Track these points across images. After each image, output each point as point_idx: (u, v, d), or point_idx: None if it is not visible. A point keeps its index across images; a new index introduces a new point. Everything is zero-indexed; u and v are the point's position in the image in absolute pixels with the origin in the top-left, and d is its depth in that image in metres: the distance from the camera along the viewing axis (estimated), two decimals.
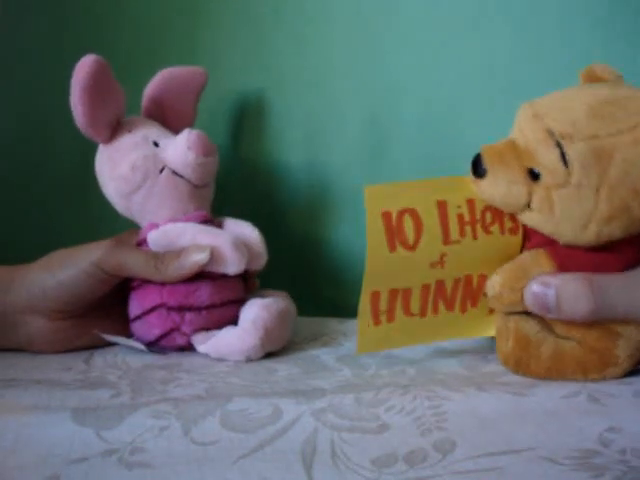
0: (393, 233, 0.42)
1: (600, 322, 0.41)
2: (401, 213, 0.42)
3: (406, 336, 0.44)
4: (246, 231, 0.53)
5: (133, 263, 0.49)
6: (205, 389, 0.42)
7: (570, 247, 0.41)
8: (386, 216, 0.42)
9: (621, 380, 0.41)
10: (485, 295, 0.44)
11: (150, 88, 0.57)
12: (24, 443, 0.34)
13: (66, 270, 0.48)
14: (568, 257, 0.41)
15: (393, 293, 0.43)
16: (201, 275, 0.50)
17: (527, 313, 0.43)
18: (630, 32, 0.57)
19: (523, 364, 0.42)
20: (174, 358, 0.50)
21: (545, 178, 0.39)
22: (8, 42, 0.69)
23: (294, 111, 0.65)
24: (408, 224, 0.42)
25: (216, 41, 0.66)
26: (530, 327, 0.42)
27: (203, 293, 0.50)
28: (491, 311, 0.46)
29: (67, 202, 0.70)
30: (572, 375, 0.42)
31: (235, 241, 0.50)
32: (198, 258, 0.48)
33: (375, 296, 0.43)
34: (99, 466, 0.32)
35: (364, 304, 0.42)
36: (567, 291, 0.40)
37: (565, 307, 0.40)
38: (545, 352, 0.42)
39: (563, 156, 0.38)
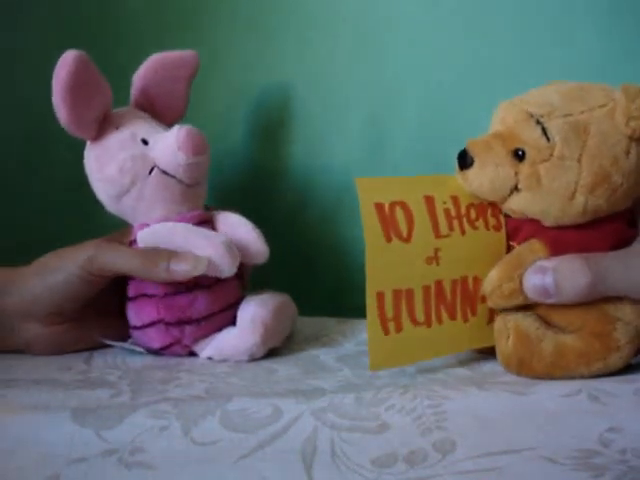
0: (387, 224, 0.43)
1: (597, 304, 0.42)
2: (392, 205, 0.43)
3: (416, 351, 0.44)
4: (242, 230, 0.52)
5: (120, 261, 0.47)
6: (205, 389, 0.42)
7: (559, 229, 0.43)
8: (379, 207, 0.43)
9: (622, 378, 0.41)
10: (483, 300, 0.45)
11: (138, 76, 0.55)
12: (24, 443, 0.34)
13: (55, 274, 0.48)
14: (559, 239, 0.43)
15: (397, 295, 0.43)
16: (196, 286, 0.49)
17: (525, 310, 0.44)
18: (630, 32, 0.57)
19: (526, 364, 0.42)
20: (174, 358, 0.50)
21: (530, 155, 0.42)
22: (7, 41, 0.69)
23: (294, 111, 0.65)
24: (400, 216, 0.43)
25: (217, 41, 0.66)
26: (529, 324, 0.43)
27: (200, 305, 0.49)
28: (491, 319, 0.46)
29: (67, 202, 0.70)
30: (575, 369, 0.42)
31: (228, 243, 0.48)
32: (191, 269, 0.47)
33: (380, 298, 0.42)
34: (99, 466, 0.32)
35: (371, 308, 0.42)
36: (564, 270, 0.41)
37: (564, 287, 0.41)
38: (546, 348, 0.42)
39: (544, 132, 0.41)
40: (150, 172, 0.50)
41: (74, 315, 0.50)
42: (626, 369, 0.43)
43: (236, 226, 0.52)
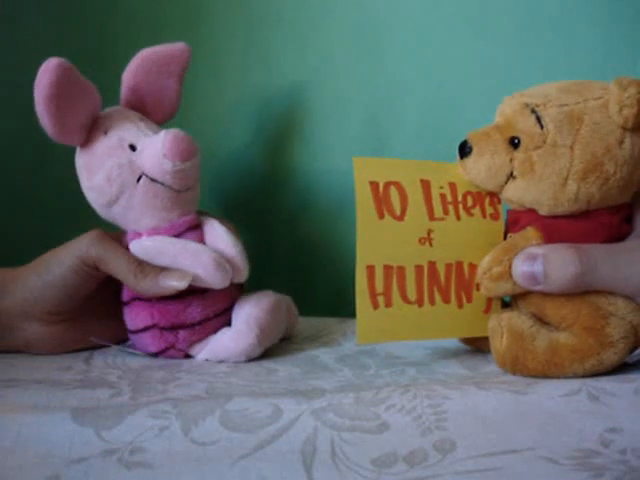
0: (380, 201, 0.44)
1: (590, 299, 0.42)
2: (387, 185, 0.44)
3: (406, 328, 0.44)
4: (221, 245, 0.50)
5: (115, 262, 0.47)
6: (205, 389, 0.42)
7: (554, 218, 0.43)
8: (373, 185, 0.44)
9: (622, 377, 0.41)
10: (479, 287, 0.45)
11: (128, 74, 0.53)
12: (24, 443, 0.34)
13: (52, 270, 0.48)
14: (554, 228, 0.43)
15: (387, 271, 0.43)
16: (190, 291, 0.48)
17: (520, 306, 0.44)
18: (630, 32, 0.57)
19: (520, 362, 0.42)
20: (174, 359, 0.50)
21: (524, 142, 0.43)
22: (7, 42, 0.69)
23: (294, 111, 0.65)
24: (394, 195, 0.44)
25: (216, 41, 0.66)
26: (523, 322, 0.43)
27: (194, 310, 0.49)
28: (487, 310, 0.46)
29: (67, 203, 0.70)
30: (570, 367, 0.42)
31: (218, 260, 0.48)
32: (177, 284, 0.47)
33: (370, 271, 0.43)
34: (99, 466, 0.32)
35: (360, 280, 0.43)
36: (554, 258, 0.41)
37: (553, 274, 0.41)
38: (540, 346, 0.42)
39: (538, 120, 0.42)
40: (138, 180, 0.49)
41: (73, 314, 0.50)
42: (626, 368, 0.43)
43: (218, 240, 0.50)
